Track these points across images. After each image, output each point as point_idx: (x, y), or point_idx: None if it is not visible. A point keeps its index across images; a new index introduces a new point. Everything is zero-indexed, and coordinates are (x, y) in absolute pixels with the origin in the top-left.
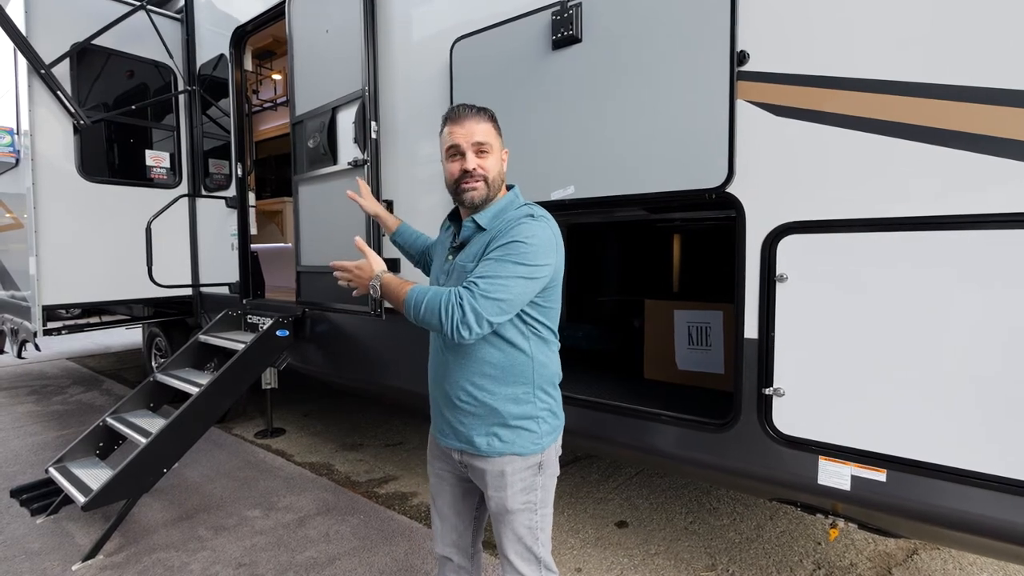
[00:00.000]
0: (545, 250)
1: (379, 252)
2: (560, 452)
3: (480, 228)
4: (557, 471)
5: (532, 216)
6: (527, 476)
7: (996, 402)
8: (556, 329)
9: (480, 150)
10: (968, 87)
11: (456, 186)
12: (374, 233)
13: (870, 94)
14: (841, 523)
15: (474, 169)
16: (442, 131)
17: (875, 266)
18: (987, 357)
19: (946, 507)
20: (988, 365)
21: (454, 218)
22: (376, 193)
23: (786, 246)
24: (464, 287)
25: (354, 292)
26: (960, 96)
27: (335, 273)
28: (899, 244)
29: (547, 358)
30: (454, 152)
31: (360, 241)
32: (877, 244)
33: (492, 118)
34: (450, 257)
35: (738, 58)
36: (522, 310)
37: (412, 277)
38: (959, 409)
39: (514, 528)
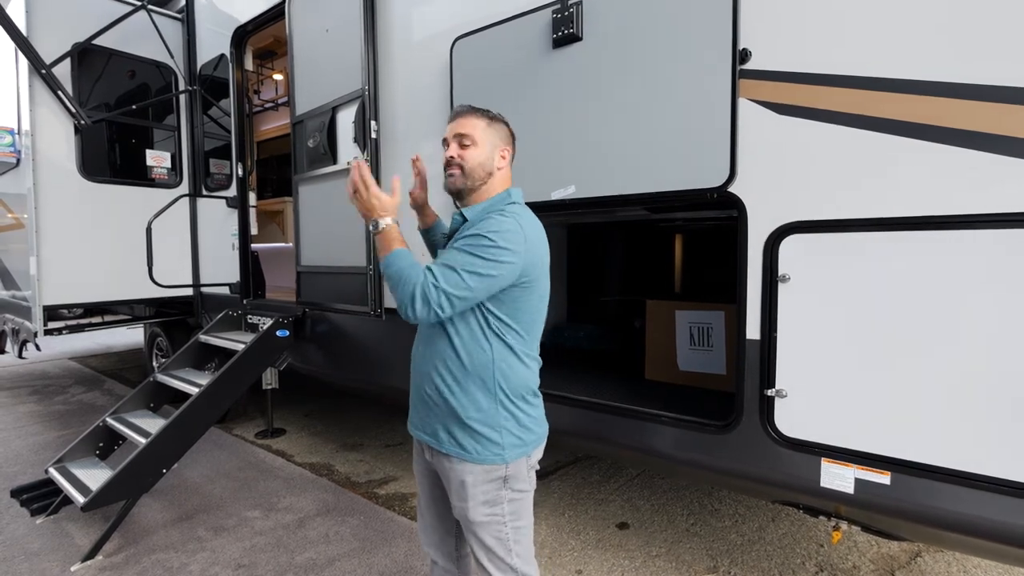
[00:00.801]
0: (508, 245)
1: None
2: (536, 467)
3: (465, 220)
4: (530, 486)
5: (502, 212)
6: (490, 489)
7: (1002, 404)
8: (530, 338)
9: (461, 142)
10: (974, 85)
11: (444, 175)
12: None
13: (874, 92)
14: (844, 526)
15: (451, 158)
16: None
17: (879, 266)
18: (992, 358)
19: (951, 510)
20: (994, 366)
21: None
22: None
23: (788, 246)
24: (426, 272)
25: (354, 205)
26: (966, 94)
27: (354, 177)
28: (903, 244)
29: (512, 365)
30: (444, 144)
31: (398, 180)
32: (881, 244)
33: (488, 117)
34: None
35: (740, 56)
36: (485, 309)
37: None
38: (964, 411)
39: (481, 538)
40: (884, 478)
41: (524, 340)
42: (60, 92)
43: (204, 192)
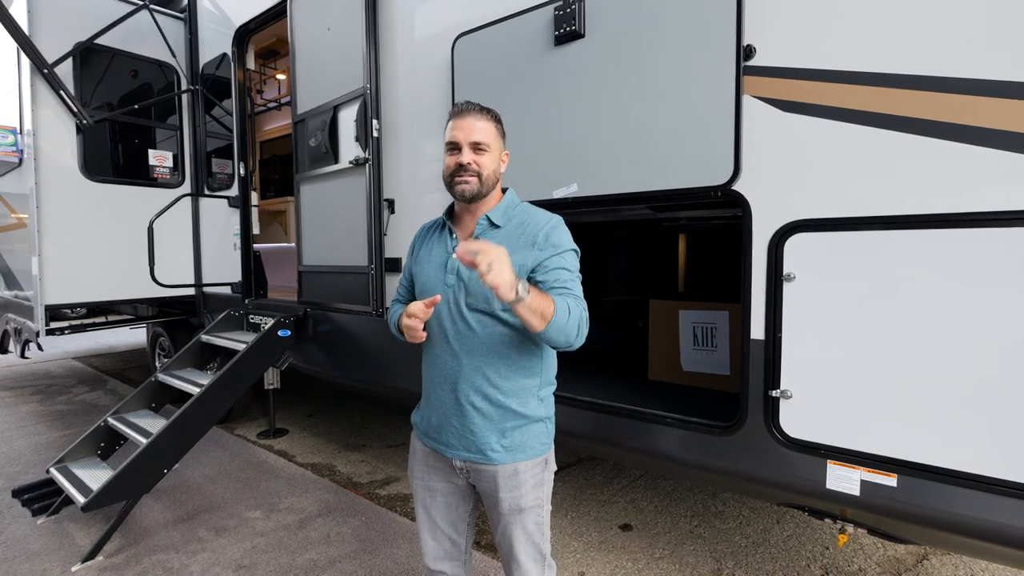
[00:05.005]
0: (575, 246)
1: (380, 250)
2: None
3: (493, 225)
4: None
5: (560, 219)
6: (537, 472)
7: (1011, 405)
8: None
9: (477, 147)
10: (986, 80)
11: (451, 179)
12: (376, 231)
13: (881, 88)
14: (850, 528)
15: (468, 164)
16: (446, 126)
17: (885, 265)
18: (1001, 359)
19: (959, 513)
20: (1003, 367)
21: (450, 217)
22: (378, 191)
23: (793, 245)
24: (571, 301)
25: (490, 285)
26: (978, 90)
27: (463, 254)
28: (911, 243)
29: (551, 352)
30: (452, 147)
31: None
32: (888, 243)
33: (495, 119)
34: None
35: (744, 52)
36: None
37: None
38: (972, 412)
39: (524, 526)
40: (891, 480)
41: None
42: (62, 92)
43: (206, 192)
